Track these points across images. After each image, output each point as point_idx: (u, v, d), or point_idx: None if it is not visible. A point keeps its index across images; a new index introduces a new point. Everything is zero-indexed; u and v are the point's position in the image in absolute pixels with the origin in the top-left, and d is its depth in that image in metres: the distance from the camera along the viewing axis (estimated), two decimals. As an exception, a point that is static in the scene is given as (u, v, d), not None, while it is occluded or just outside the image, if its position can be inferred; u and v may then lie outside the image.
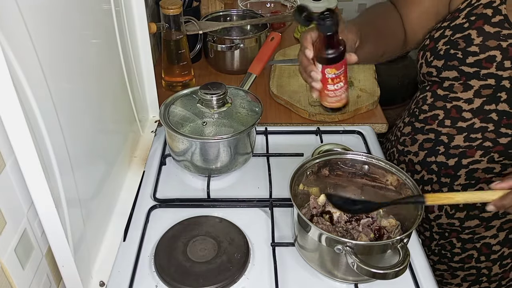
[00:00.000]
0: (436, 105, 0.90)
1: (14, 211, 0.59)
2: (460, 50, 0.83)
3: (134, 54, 0.96)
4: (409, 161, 0.97)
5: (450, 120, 0.87)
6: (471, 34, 0.82)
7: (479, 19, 0.81)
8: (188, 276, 0.74)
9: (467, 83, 0.84)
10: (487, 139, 0.84)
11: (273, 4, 1.64)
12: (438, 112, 0.89)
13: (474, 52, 0.81)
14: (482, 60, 0.81)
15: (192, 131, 0.89)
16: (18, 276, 0.60)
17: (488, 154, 0.85)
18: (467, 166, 0.88)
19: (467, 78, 0.83)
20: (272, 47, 1.17)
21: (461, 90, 0.85)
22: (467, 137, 0.86)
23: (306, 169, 0.80)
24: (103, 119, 0.81)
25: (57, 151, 0.59)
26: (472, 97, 0.84)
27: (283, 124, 1.14)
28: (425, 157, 0.93)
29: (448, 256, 0.99)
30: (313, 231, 0.70)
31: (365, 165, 0.82)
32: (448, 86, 0.87)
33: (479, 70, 0.81)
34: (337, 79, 0.75)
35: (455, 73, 0.84)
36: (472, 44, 0.82)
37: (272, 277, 0.74)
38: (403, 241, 0.68)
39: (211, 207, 0.89)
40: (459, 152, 0.88)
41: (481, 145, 0.85)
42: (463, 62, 0.83)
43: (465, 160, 0.88)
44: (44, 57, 0.56)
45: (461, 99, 0.85)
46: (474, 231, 0.93)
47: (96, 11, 0.78)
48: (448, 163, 0.90)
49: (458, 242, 0.96)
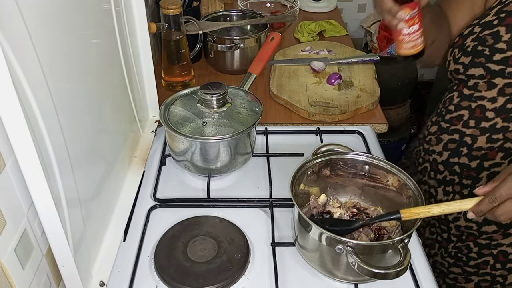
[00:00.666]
0: (462, 105, 0.89)
1: (14, 211, 0.59)
2: (487, 46, 0.82)
3: (134, 54, 0.96)
4: (433, 160, 0.97)
5: (475, 120, 0.87)
6: (500, 31, 0.81)
7: (509, 16, 0.80)
8: (188, 276, 0.74)
9: (491, 81, 0.83)
10: (508, 140, 0.83)
11: (273, 4, 1.65)
12: (463, 113, 0.89)
13: (501, 49, 0.81)
14: (509, 57, 0.80)
15: (192, 131, 0.89)
16: (18, 276, 0.59)
17: (509, 157, 0.84)
18: (488, 168, 0.87)
19: (492, 76, 0.82)
20: (272, 47, 1.17)
21: (485, 88, 0.84)
22: (489, 138, 0.85)
23: (307, 169, 0.80)
24: (103, 119, 0.81)
25: (57, 151, 0.59)
26: (496, 95, 0.83)
27: (283, 124, 1.13)
28: (449, 157, 0.93)
29: (464, 260, 0.98)
30: (313, 230, 0.70)
31: (366, 165, 0.82)
32: (473, 84, 0.86)
33: (505, 68, 0.80)
34: (411, 21, 0.74)
35: (481, 71, 0.83)
36: (500, 41, 0.81)
37: (272, 277, 0.74)
38: (404, 241, 0.68)
39: (211, 207, 0.89)
40: (481, 154, 0.87)
41: (502, 147, 0.84)
42: (490, 59, 0.82)
43: (486, 163, 0.87)
44: (44, 57, 0.56)
45: (485, 98, 0.84)
46: (492, 237, 0.92)
47: (96, 11, 0.78)
48: (470, 165, 0.89)
49: (475, 247, 0.95)
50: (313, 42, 1.49)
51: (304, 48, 1.43)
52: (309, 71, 1.31)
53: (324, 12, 1.75)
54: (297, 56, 1.39)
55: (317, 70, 1.30)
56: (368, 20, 2.28)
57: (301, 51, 1.41)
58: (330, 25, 1.60)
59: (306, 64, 1.33)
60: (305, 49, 1.42)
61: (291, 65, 1.34)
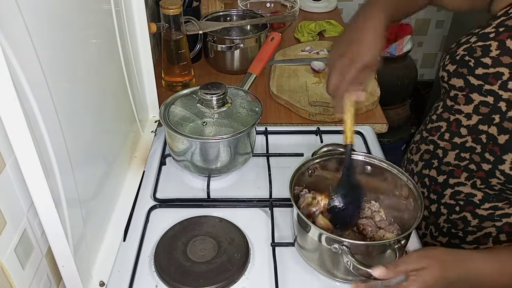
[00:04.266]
0: (443, 117, 0.87)
1: (14, 211, 0.59)
2: (474, 58, 0.79)
3: (134, 54, 0.96)
4: (411, 170, 0.95)
5: (449, 134, 0.84)
6: (492, 45, 0.77)
7: (506, 31, 0.76)
8: (188, 276, 0.74)
9: (469, 96, 0.80)
10: (473, 162, 0.80)
11: (273, 4, 1.65)
12: (442, 124, 0.86)
13: (485, 64, 0.77)
14: (490, 74, 0.76)
15: (192, 131, 0.89)
16: (18, 276, 0.59)
17: (471, 179, 0.81)
18: (452, 186, 0.84)
19: (470, 90, 0.80)
20: (272, 47, 1.16)
21: (464, 102, 0.81)
22: (458, 155, 0.83)
23: (306, 169, 0.80)
24: (103, 119, 0.81)
25: (57, 151, 0.59)
26: (471, 112, 0.80)
27: (283, 124, 1.14)
28: (422, 168, 0.90)
29: (460, 236, 0.87)
30: (313, 231, 0.70)
31: (366, 166, 0.81)
32: (454, 96, 0.83)
33: (483, 84, 0.77)
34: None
35: (461, 82, 0.81)
36: (487, 56, 0.77)
37: (272, 277, 0.74)
38: (400, 242, 0.68)
39: (211, 207, 0.89)
40: (449, 170, 0.84)
41: (467, 167, 0.81)
42: (472, 71, 0.79)
43: (452, 180, 0.84)
44: (44, 57, 0.56)
45: (462, 113, 0.82)
46: (497, 206, 0.82)
47: (96, 11, 0.78)
48: (438, 179, 0.86)
49: (474, 219, 0.84)
50: (313, 42, 1.49)
51: (304, 48, 1.43)
52: (309, 71, 1.31)
53: (324, 12, 1.75)
54: (297, 56, 1.39)
55: (317, 70, 1.30)
56: (368, 20, 2.27)
57: (301, 51, 1.41)
58: (330, 25, 1.60)
59: (306, 64, 1.33)
60: (305, 49, 1.42)
61: (291, 65, 1.34)
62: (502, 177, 0.76)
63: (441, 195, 0.86)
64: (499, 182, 0.77)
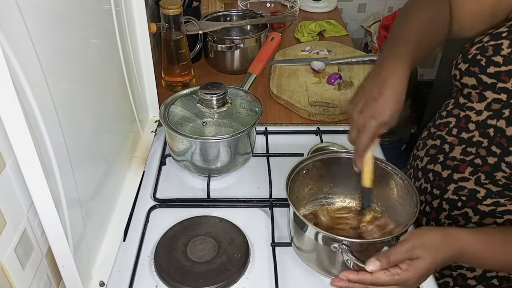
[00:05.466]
0: (453, 113, 0.87)
1: (14, 211, 0.59)
2: (485, 57, 0.79)
3: (134, 54, 0.96)
4: (416, 166, 0.94)
5: (457, 129, 0.85)
6: (503, 43, 0.77)
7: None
8: (188, 276, 0.74)
9: (482, 94, 0.80)
10: (479, 156, 0.81)
11: (273, 4, 1.65)
12: (451, 120, 0.87)
13: (497, 63, 0.77)
14: (502, 72, 0.77)
15: (192, 131, 0.89)
16: (18, 276, 0.59)
17: (476, 173, 0.82)
18: (456, 181, 0.84)
19: (484, 88, 0.80)
20: (272, 47, 1.17)
21: (477, 100, 0.81)
22: (464, 149, 0.83)
23: (302, 169, 0.80)
24: (103, 119, 0.81)
25: (57, 151, 0.59)
26: (483, 109, 0.81)
27: (283, 124, 1.14)
28: (427, 163, 0.90)
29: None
30: (309, 230, 0.70)
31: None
32: (467, 94, 0.83)
33: (496, 82, 0.78)
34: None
35: (474, 81, 0.81)
36: (498, 54, 0.77)
37: (272, 277, 0.74)
38: (398, 239, 0.68)
39: (211, 207, 0.89)
40: (454, 165, 0.85)
41: (472, 161, 0.82)
42: (483, 70, 0.79)
43: (456, 175, 0.84)
44: (44, 57, 0.56)
45: (473, 109, 0.82)
46: (499, 202, 0.82)
47: (96, 11, 0.78)
48: (442, 173, 0.87)
49: (475, 215, 0.84)
50: (313, 42, 1.49)
51: (304, 48, 1.43)
52: (309, 71, 1.31)
53: (324, 12, 1.75)
54: (297, 56, 1.39)
55: (317, 70, 1.30)
56: (368, 20, 2.28)
57: (301, 51, 1.41)
58: (330, 25, 1.60)
59: (306, 64, 1.33)
60: (305, 49, 1.42)
61: (291, 65, 1.34)
62: (507, 169, 0.76)
63: (444, 190, 0.86)
64: (504, 176, 0.78)
